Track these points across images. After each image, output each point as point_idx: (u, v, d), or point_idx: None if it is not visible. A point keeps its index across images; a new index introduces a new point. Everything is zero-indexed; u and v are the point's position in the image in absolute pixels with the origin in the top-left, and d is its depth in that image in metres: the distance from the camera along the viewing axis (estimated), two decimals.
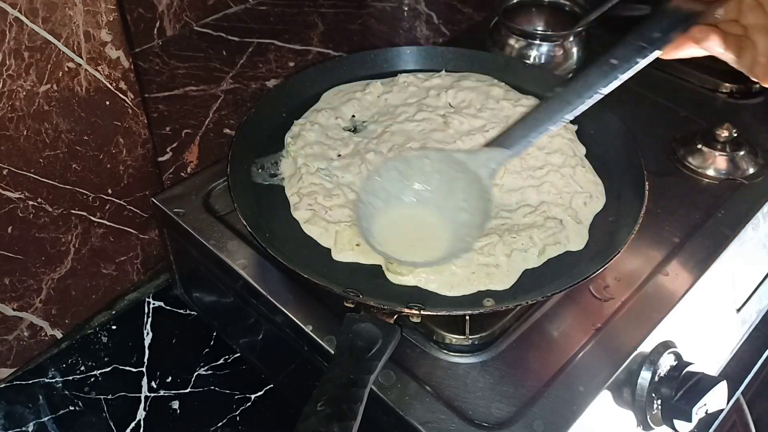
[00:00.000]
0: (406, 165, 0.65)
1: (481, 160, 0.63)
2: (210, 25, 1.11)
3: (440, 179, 0.64)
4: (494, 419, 0.56)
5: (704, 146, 0.81)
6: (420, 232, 0.63)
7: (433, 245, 0.62)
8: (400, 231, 0.63)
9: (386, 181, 0.65)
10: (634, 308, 0.64)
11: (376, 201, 0.64)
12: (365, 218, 0.63)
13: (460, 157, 0.64)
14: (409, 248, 0.62)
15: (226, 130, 0.91)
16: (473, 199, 0.63)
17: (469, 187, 0.63)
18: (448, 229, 0.63)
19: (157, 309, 0.80)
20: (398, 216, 0.64)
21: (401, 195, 0.65)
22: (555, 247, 0.63)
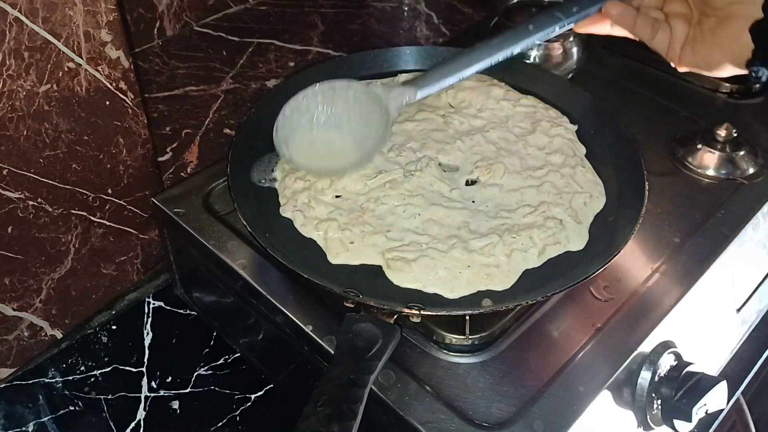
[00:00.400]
0: (332, 91, 0.69)
1: (393, 94, 0.69)
2: (210, 25, 1.11)
3: (360, 109, 0.70)
4: (494, 419, 0.56)
5: (704, 146, 0.81)
6: (331, 151, 0.70)
7: (338, 161, 0.69)
8: (313, 147, 0.69)
9: (311, 102, 0.69)
10: (634, 308, 0.64)
11: (300, 119, 0.69)
12: (283, 129, 0.68)
13: (377, 90, 0.69)
14: (316, 159, 0.69)
15: (226, 130, 0.91)
16: (381, 129, 0.69)
17: (380, 118, 0.69)
18: (356, 151, 0.70)
19: (157, 309, 0.80)
20: (316, 136, 0.69)
21: (322, 117, 0.70)
22: (555, 247, 0.63)
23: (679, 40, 0.60)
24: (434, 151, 0.73)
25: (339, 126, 0.69)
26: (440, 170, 0.71)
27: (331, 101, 0.69)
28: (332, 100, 0.69)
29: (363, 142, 0.69)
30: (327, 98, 0.69)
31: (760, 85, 0.94)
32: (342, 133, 0.69)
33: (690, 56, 0.60)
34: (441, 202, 0.67)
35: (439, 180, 0.69)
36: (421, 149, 0.73)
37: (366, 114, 0.69)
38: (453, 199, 0.68)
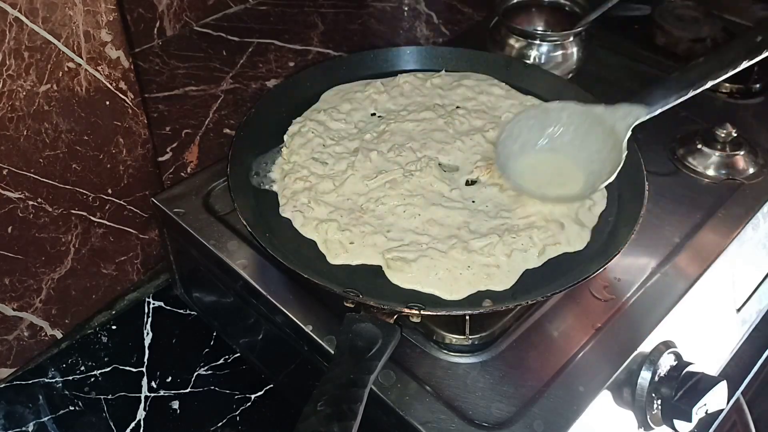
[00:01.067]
0: (545, 114, 0.67)
1: (619, 114, 0.65)
2: (210, 25, 1.11)
3: (575, 130, 0.67)
4: (494, 419, 0.56)
5: (704, 146, 0.81)
6: (554, 175, 0.67)
7: (567, 186, 0.66)
8: (534, 172, 0.66)
9: (524, 127, 0.67)
10: (634, 308, 0.64)
11: (512, 145, 0.67)
12: (503, 157, 0.66)
13: (598, 110, 0.66)
14: (544, 185, 0.65)
15: (226, 130, 0.91)
16: (606, 151, 0.65)
17: (604, 140, 0.65)
18: (580, 175, 0.66)
19: (157, 309, 0.80)
20: (533, 160, 0.67)
21: (537, 142, 0.68)
22: (555, 247, 0.63)
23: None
24: (434, 151, 0.73)
25: (554, 149, 0.67)
26: (440, 170, 0.71)
27: (544, 124, 0.67)
28: (545, 122, 0.67)
29: (586, 165, 0.66)
30: (540, 121, 0.67)
31: (760, 85, 0.94)
32: (559, 155, 0.67)
33: None
34: (441, 202, 0.67)
35: (439, 180, 0.69)
36: (421, 149, 0.73)
37: (584, 136, 0.66)
38: (453, 199, 0.68)
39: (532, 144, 0.68)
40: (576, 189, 0.66)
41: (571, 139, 0.67)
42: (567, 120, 0.67)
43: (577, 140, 0.67)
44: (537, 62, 0.94)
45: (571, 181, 0.66)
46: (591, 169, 0.66)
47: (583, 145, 0.67)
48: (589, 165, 0.66)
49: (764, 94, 0.94)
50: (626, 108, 0.65)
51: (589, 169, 0.66)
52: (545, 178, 0.66)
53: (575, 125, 0.67)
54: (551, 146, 0.68)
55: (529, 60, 0.94)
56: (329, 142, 0.74)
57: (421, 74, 0.84)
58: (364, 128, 0.76)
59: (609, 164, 0.65)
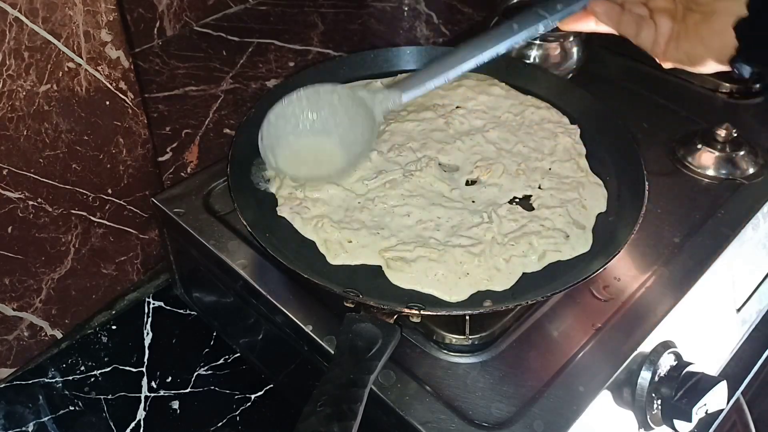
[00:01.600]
0: (316, 96, 0.68)
1: (379, 98, 0.67)
2: (210, 25, 1.11)
3: (345, 113, 0.68)
4: (494, 419, 0.56)
5: (704, 146, 0.81)
6: (317, 157, 0.68)
7: (325, 168, 0.68)
8: (299, 154, 0.68)
9: (296, 108, 0.68)
10: (634, 308, 0.64)
11: (285, 125, 0.67)
12: (269, 137, 0.66)
13: (363, 94, 0.68)
14: (303, 167, 0.67)
15: (226, 130, 0.91)
16: (367, 133, 0.68)
17: (366, 122, 0.67)
18: (343, 157, 0.68)
19: (157, 309, 0.80)
20: (302, 143, 0.68)
21: (307, 123, 0.68)
22: (556, 254, 0.63)
23: (663, 35, 0.59)
24: (434, 151, 0.73)
25: (325, 132, 0.68)
26: (440, 170, 0.71)
27: (316, 106, 0.68)
28: (317, 105, 0.68)
29: (350, 147, 0.68)
30: (312, 103, 0.68)
31: (760, 85, 0.94)
32: (328, 138, 0.68)
33: (674, 52, 0.59)
34: (441, 202, 0.67)
35: (439, 180, 0.69)
36: (421, 149, 0.73)
37: (351, 118, 0.68)
38: (453, 199, 0.68)
39: (302, 124, 0.68)
40: (330, 170, 0.68)
41: (340, 121, 0.68)
42: (337, 103, 0.68)
43: (345, 122, 0.68)
44: (537, 62, 0.94)
45: (328, 162, 0.68)
46: (353, 151, 0.68)
47: (351, 128, 0.68)
48: (352, 147, 0.68)
49: (764, 94, 0.94)
50: (384, 93, 0.67)
51: (352, 151, 0.68)
52: (307, 159, 0.68)
53: (344, 107, 0.68)
54: (322, 128, 0.69)
55: (529, 60, 0.94)
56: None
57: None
58: None
59: (367, 147, 0.69)
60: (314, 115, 0.68)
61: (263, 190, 0.70)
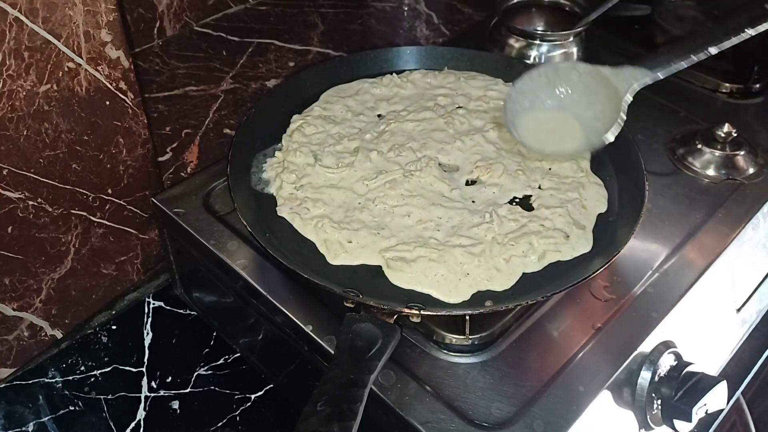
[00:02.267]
0: (555, 73, 0.68)
1: (624, 75, 0.65)
2: (210, 25, 1.11)
3: (583, 90, 0.67)
4: (494, 419, 0.56)
5: (704, 146, 0.81)
6: (557, 132, 0.67)
7: (567, 142, 0.67)
8: (539, 129, 0.67)
9: (536, 85, 0.68)
10: (634, 308, 0.64)
11: (523, 101, 0.67)
12: (511, 113, 0.66)
13: (606, 71, 0.66)
14: (546, 142, 0.67)
15: (226, 130, 0.91)
16: (609, 111, 0.65)
17: (608, 101, 0.66)
18: (581, 134, 0.67)
19: (157, 309, 0.80)
20: (541, 117, 0.68)
21: (546, 99, 0.68)
22: (555, 254, 0.63)
23: None
24: (434, 151, 0.73)
25: (562, 108, 0.68)
26: (440, 170, 0.71)
27: (554, 83, 0.68)
28: (555, 81, 0.68)
29: (589, 123, 0.67)
30: (551, 80, 0.68)
31: (760, 85, 0.94)
32: (566, 114, 0.68)
33: None
34: (441, 202, 0.67)
35: (439, 180, 0.69)
36: (421, 149, 0.73)
37: (591, 96, 0.67)
38: (453, 199, 0.68)
39: (540, 101, 0.68)
40: (574, 146, 0.68)
41: (578, 98, 0.68)
42: (576, 80, 0.68)
43: (584, 99, 0.68)
44: (537, 62, 0.94)
45: (571, 138, 0.67)
46: (593, 128, 0.67)
47: (590, 105, 0.67)
48: (592, 123, 0.67)
49: (764, 94, 0.94)
50: (630, 70, 0.66)
51: (592, 128, 0.67)
52: (547, 134, 0.67)
53: (584, 84, 0.68)
54: (560, 105, 0.68)
55: (529, 60, 0.94)
56: (329, 141, 0.74)
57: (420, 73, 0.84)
58: (364, 128, 0.76)
59: (608, 125, 0.65)
60: (551, 91, 0.68)
61: (263, 190, 0.70)
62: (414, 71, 0.84)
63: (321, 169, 0.71)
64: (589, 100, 0.67)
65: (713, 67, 0.96)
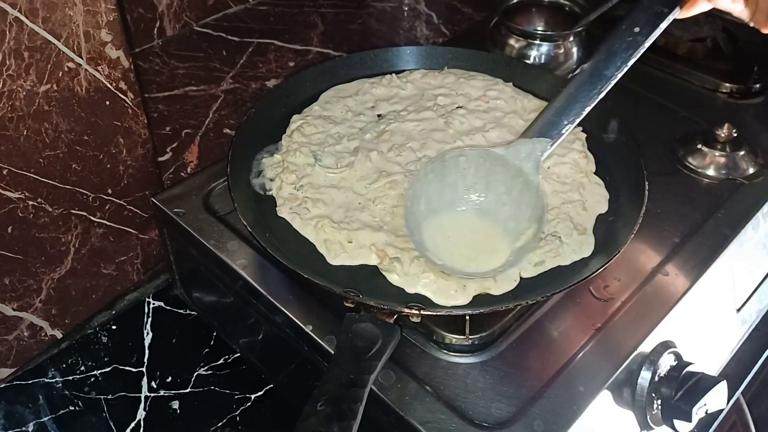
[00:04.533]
0: (442, 165, 0.64)
1: (523, 154, 0.61)
2: (210, 25, 1.11)
3: (475, 173, 0.62)
4: (494, 419, 0.56)
5: (704, 146, 0.81)
6: (473, 237, 0.61)
7: (493, 249, 0.60)
8: (452, 238, 0.60)
9: (425, 185, 0.63)
10: (634, 308, 0.64)
11: (417, 207, 0.62)
12: (414, 229, 0.61)
13: (498, 152, 0.62)
14: (469, 257, 0.60)
15: (226, 130, 0.91)
16: (515, 192, 0.61)
17: (510, 180, 0.62)
18: (497, 228, 0.61)
19: (157, 309, 0.80)
20: (445, 221, 0.61)
21: (442, 197, 0.63)
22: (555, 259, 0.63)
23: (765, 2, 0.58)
24: (434, 151, 0.72)
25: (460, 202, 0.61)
26: None
27: (441, 176, 0.61)
28: (442, 173, 0.62)
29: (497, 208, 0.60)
30: (437, 174, 0.61)
31: (760, 85, 0.94)
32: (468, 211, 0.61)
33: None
34: None
35: None
36: (421, 149, 0.73)
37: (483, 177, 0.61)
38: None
39: (436, 202, 0.62)
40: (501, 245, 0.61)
41: (473, 184, 0.62)
42: (465, 165, 0.62)
43: (480, 185, 0.62)
44: (537, 62, 0.94)
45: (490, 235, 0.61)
46: (503, 214, 0.61)
47: (488, 189, 0.62)
48: (499, 209, 0.61)
49: (764, 94, 0.94)
50: (527, 145, 0.62)
51: (501, 215, 0.61)
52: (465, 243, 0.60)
53: (475, 168, 0.62)
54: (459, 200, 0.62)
55: (529, 60, 0.94)
56: (329, 141, 0.74)
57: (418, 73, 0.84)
58: (364, 128, 0.76)
59: (524, 206, 0.61)
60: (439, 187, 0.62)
61: (263, 190, 0.70)
62: (414, 71, 0.84)
63: (321, 169, 0.71)
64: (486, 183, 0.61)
65: (713, 67, 0.96)
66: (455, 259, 0.59)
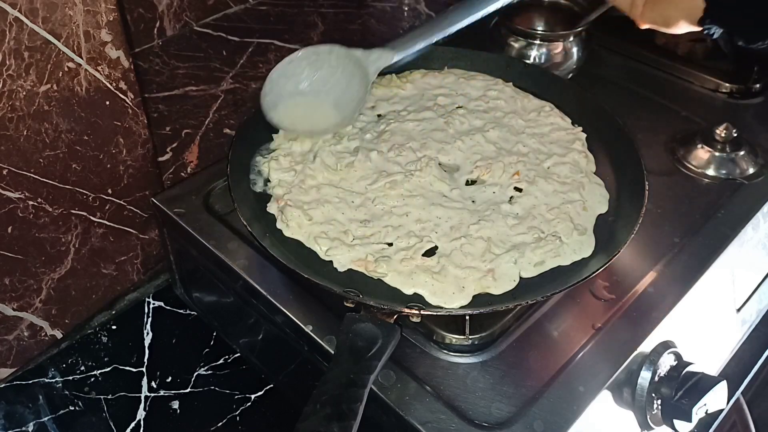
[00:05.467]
0: (317, 56, 0.72)
1: (372, 58, 0.71)
2: (210, 25, 1.11)
3: (341, 73, 0.72)
4: (494, 419, 0.56)
5: (704, 146, 0.81)
6: (315, 113, 0.72)
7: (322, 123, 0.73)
8: (297, 110, 0.72)
9: (296, 67, 0.72)
10: (634, 308, 0.64)
11: (285, 83, 0.71)
12: (271, 94, 0.70)
13: (357, 54, 0.71)
14: (301, 122, 0.72)
15: (226, 130, 0.91)
16: (362, 91, 0.72)
17: (360, 81, 0.71)
18: (337, 117, 0.73)
19: (157, 309, 0.80)
20: (301, 100, 0.72)
21: (306, 82, 0.72)
22: (555, 259, 0.63)
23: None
24: (434, 151, 0.73)
25: (322, 90, 0.72)
26: (440, 170, 0.71)
27: (315, 66, 0.71)
28: (316, 64, 0.71)
29: (345, 104, 0.72)
30: (311, 63, 0.71)
31: (760, 85, 0.94)
32: (326, 96, 0.72)
33: (650, 13, 0.64)
34: (441, 202, 0.67)
35: (439, 180, 0.69)
36: (421, 149, 0.73)
37: (347, 77, 0.71)
38: (453, 198, 0.68)
39: (303, 84, 0.72)
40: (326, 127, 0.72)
41: (337, 80, 0.72)
42: (335, 63, 0.71)
43: (342, 82, 0.72)
44: (537, 62, 0.94)
45: (325, 121, 0.72)
46: (347, 108, 0.72)
47: (347, 88, 0.72)
48: (347, 104, 0.72)
49: (764, 94, 0.94)
50: (378, 52, 0.71)
51: (346, 108, 0.72)
52: (308, 117, 0.72)
53: (342, 67, 0.72)
54: (319, 87, 0.72)
55: (529, 60, 0.94)
56: (329, 141, 0.74)
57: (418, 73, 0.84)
58: (364, 128, 0.76)
59: (360, 105, 0.73)
60: (313, 74, 0.72)
61: (263, 190, 0.70)
62: (414, 71, 0.84)
63: (321, 169, 0.70)
64: (347, 83, 0.71)
65: (713, 67, 0.96)
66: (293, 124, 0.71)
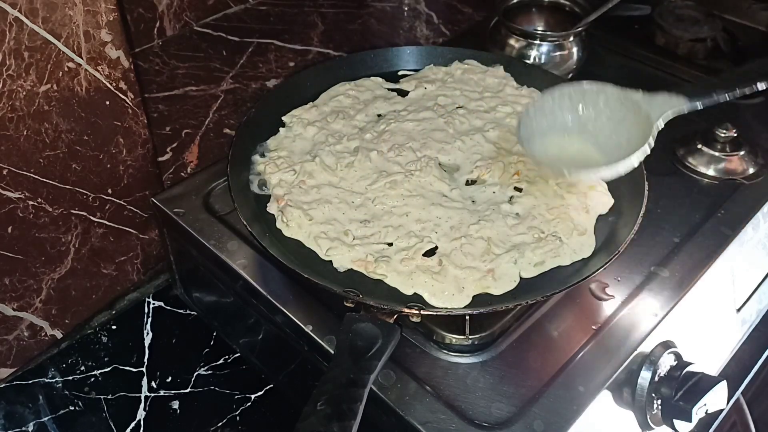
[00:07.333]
0: (581, 96, 0.64)
1: (657, 102, 0.62)
2: (210, 25, 1.11)
3: (610, 115, 0.64)
4: (494, 419, 0.56)
5: (704, 146, 0.81)
6: (575, 156, 0.63)
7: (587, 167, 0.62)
8: (556, 151, 0.63)
9: (556, 105, 0.64)
10: (634, 308, 0.64)
11: (541, 120, 0.63)
12: (525, 129, 0.62)
13: (636, 97, 0.63)
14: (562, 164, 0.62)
15: (226, 130, 0.91)
16: (634, 140, 0.61)
17: (635, 129, 0.62)
18: (602, 160, 0.62)
19: (157, 309, 0.80)
20: (558, 140, 0.64)
21: (567, 122, 0.64)
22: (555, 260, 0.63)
23: None
24: (434, 151, 0.73)
25: (583, 133, 0.64)
26: (440, 170, 0.71)
27: (578, 106, 0.64)
28: (579, 103, 0.64)
29: (611, 151, 0.62)
30: (574, 102, 0.64)
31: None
32: (586, 140, 0.64)
33: None
34: (441, 202, 0.67)
35: (439, 179, 0.69)
36: (421, 149, 0.73)
37: (618, 123, 0.63)
38: (453, 198, 0.68)
39: (561, 123, 0.64)
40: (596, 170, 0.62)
41: (603, 124, 0.64)
42: (603, 105, 0.64)
43: (609, 126, 0.64)
44: (537, 62, 0.94)
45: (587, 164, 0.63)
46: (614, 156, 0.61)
47: (613, 133, 0.64)
48: (613, 151, 0.62)
49: (764, 94, 0.94)
50: (664, 97, 0.62)
51: (612, 156, 0.62)
52: (566, 158, 0.63)
53: (610, 110, 0.64)
54: (581, 129, 0.64)
55: (529, 60, 0.94)
56: (329, 140, 0.74)
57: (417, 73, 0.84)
58: (364, 128, 0.76)
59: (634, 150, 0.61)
60: (573, 116, 0.64)
61: (263, 190, 0.70)
62: (412, 71, 0.84)
63: (321, 169, 0.71)
64: (614, 128, 0.63)
65: (713, 67, 0.96)
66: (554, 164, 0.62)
